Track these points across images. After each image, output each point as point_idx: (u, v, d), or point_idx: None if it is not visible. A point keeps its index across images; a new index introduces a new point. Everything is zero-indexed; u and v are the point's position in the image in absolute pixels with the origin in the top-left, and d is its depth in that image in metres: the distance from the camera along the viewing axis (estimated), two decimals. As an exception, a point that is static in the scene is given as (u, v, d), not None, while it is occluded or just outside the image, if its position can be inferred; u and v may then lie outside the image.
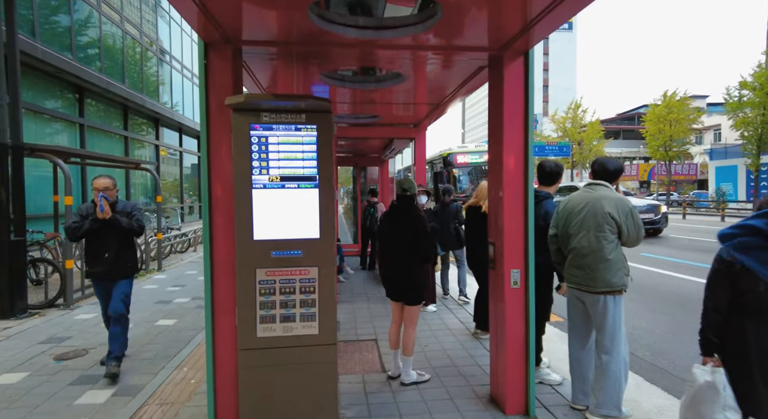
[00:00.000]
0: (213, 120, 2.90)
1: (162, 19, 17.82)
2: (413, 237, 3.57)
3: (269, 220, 2.85)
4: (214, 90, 2.88)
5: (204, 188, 2.93)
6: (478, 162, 13.76)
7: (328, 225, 2.88)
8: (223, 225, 2.95)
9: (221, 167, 2.94)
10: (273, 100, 2.66)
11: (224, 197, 2.95)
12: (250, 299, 2.82)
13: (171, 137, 19.03)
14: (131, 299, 4.08)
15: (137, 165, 9.23)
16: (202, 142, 2.89)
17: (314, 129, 2.86)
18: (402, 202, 3.68)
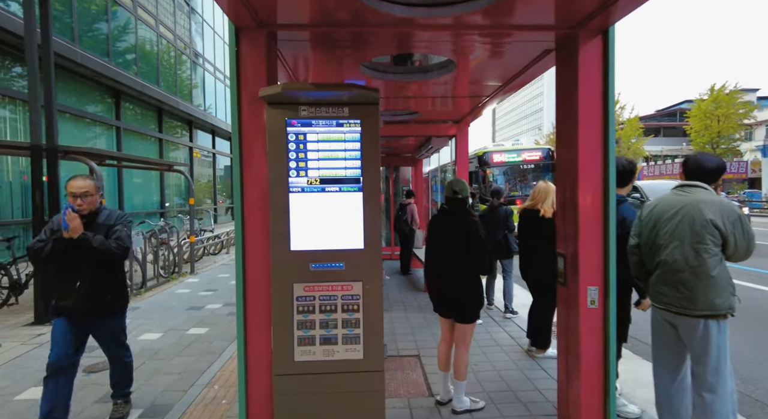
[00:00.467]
0: (245, 116, 2.58)
1: (195, 22, 18.00)
2: (467, 245, 3.16)
3: (308, 228, 2.51)
4: (246, 81, 2.56)
5: (236, 192, 2.61)
6: (515, 161, 13.17)
7: (374, 234, 2.51)
8: (258, 233, 2.63)
9: (255, 168, 2.61)
10: (314, 91, 2.31)
11: (258, 202, 2.62)
12: (287, 317, 2.49)
13: (204, 139, 19.21)
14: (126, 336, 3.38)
15: (170, 167, 9.18)
16: (234, 140, 2.57)
17: (358, 124, 2.49)
18: (453, 206, 3.27)
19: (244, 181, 2.60)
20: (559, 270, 2.87)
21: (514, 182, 13.13)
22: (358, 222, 2.51)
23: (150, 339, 4.80)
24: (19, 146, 5.86)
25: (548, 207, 3.98)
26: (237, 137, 2.57)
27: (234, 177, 2.62)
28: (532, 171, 13.21)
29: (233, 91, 2.54)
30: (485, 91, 4.45)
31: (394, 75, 3.68)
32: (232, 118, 2.55)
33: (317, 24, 2.64)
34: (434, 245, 3.34)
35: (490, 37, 2.90)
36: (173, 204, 16.26)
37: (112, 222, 3.06)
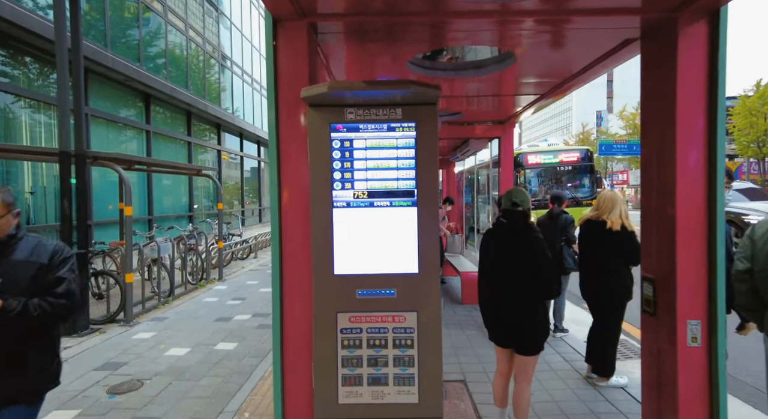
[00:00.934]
0: (283, 119, 2.26)
1: (223, 26, 18.05)
2: (532, 266, 2.75)
3: (354, 248, 2.17)
4: (284, 80, 2.24)
5: (273, 208, 2.29)
6: (551, 163, 12.53)
7: (431, 256, 2.15)
8: (297, 254, 2.30)
9: (294, 179, 2.29)
10: (365, 90, 1.96)
11: (298, 219, 2.30)
12: (330, 352, 2.15)
13: (232, 142, 19.26)
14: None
15: (198, 171, 9.05)
16: (270, 147, 2.25)
17: (413, 128, 2.13)
18: (513, 220, 2.87)
19: (282, 194, 2.28)
20: (646, 297, 2.44)
21: (550, 184, 12.49)
22: (412, 242, 2.15)
23: (177, 355, 4.57)
24: (48, 152, 5.76)
25: (616, 218, 3.52)
26: (274, 144, 2.25)
27: (270, 189, 2.30)
28: (569, 173, 12.55)
29: (270, 92, 2.22)
30: (539, 89, 4.02)
31: (444, 72, 3.31)
32: (269, 122, 2.24)
33: (365, 13, 2.29)
34: (491, 265, 2.95)
35: (562, 25, 2.49)
36: (202, 207, 16.31)
37: (46, 261, 1.94)
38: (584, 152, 12.76)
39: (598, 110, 71.32)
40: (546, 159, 12.52)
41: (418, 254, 2.15)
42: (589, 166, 12.43)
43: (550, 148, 13.32)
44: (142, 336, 5.24)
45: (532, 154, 12.77)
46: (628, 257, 3.55)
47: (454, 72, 3.32)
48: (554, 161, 12.39)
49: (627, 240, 3.52)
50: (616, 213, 3.56)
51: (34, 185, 8.69)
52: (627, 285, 3.63)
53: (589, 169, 12.41)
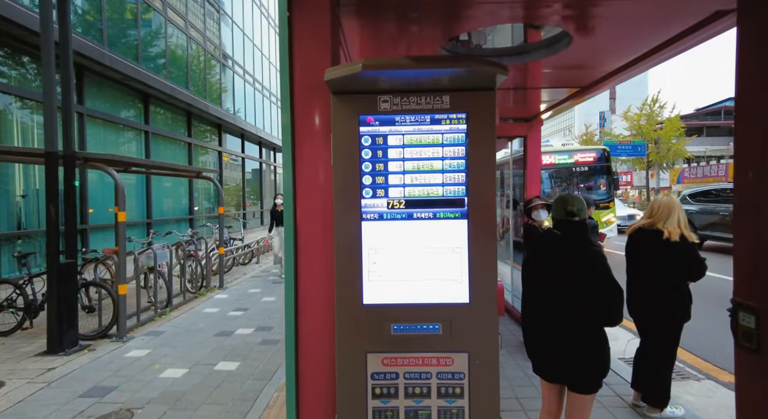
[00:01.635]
0: (300, 110, 1.82)
1: (224, 24, 17.67)
2: (592, 286, 2.31)
3: (388, 272, 1.73)
4: (301, 60, 1.80)
5: (288, 218, 1.85)
6: (566, 163, 12.01)
7: (486, 282, 1.71)
8: (316, 279, 1.86)
9: (312, 184, 1.85)
10: (407, 69, 1.51)
11: (316, 233, 1.86)
12: (358, 403, 1.71)
13: (233, 143, 18.86)
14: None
15: (198, 173, 8.62)
16: (285, 145, 1.82)
17: (463, 120, 1.70)
18: (568, 232, 2.43)
19: (298, 203, 1.84)
20: (742, 329, 1.98)
21: (564, 186, 11.98)
22: (460, 264, 1.71)
23: (174, 378, 4.12)
24: (32, 153, 5.32)
25: (674, 228, 3.08)
26: (289, 142, 1.81)
27: (285, 196, 1.85)
28: (584, 174, 12.03)
29: (284, 75, 1.78)
30: (581, 81, 3.57)
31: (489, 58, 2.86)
32: (283, 114, 1.80)
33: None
34: (541, 283, 2.50)
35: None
36: (202, 209, 15.88)
37: None
38: (601, 152, 12.03)
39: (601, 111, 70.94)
40: (561, 159, 11.89)
41: (469, 279, 1.71)
42: (605, 167, 11.79)
43: (565, 148, 12.79)
44: (135, 353, 4.79)
45: (545, 154, 12.18)
46: (689, 273, 3.10)
47: (501, 57, 2.86)
48: (569, 162, 11.78)
49: (689, 253, 3.07)
50: (674, 222, 3.11)
51: (26, 188, 8.25)
52: (687, 304, 3.18)
53: (606, 170, 11.78)
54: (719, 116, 50.80)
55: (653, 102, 40.53)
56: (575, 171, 11.72)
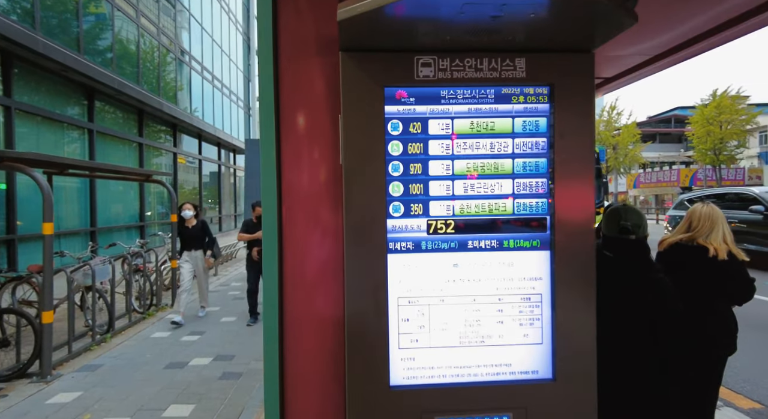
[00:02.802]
0: (288, 76, 1.16)
1: (181, 18, 16.54)
2: (652, 322, 1.79)
3: (427, 334, 1.10)
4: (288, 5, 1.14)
5: (269, 247, 1.17)
6: None
7: (580, 345, 1.11)
8: (310, 347, 1.20)
9: (305, 194, 1.19)
10: None
11: (312, 272, 1.20)
12: None
13: (190, 145, 17.69)
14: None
15: (148, 177, 7.65)
16: (264, 130, 1.15)
17: (545, 97, 1.10)
18: (623, 252, 1.88)
19: (284, 225, 1.18)
20: None
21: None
22: (541, 319, 1.11)
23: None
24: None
25: (720, 244, 2.60)
26: (272, 125, 1.14)
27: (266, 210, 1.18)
28: None
29: (263, 20, 1.12)
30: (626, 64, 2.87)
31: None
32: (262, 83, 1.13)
33: None
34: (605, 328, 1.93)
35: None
36: (155, 214, 14.66)
37: None
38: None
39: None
40: None
41: (553, 342, 1.11)
42: (596, 169, 11.42)
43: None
44: (61, 398, 3.89)
45: None
46: (740, 296, 2.64)
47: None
48: None
49: (739, 273, 2.61)
50: (718, 236, 2.63)
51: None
52: (734, 332, 2.71)
53: (597, 173, 11.35)
54: (670, 124, 53.51)
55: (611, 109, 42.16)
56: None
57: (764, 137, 43.53)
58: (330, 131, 1.15)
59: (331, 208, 1.16)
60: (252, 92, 26.33)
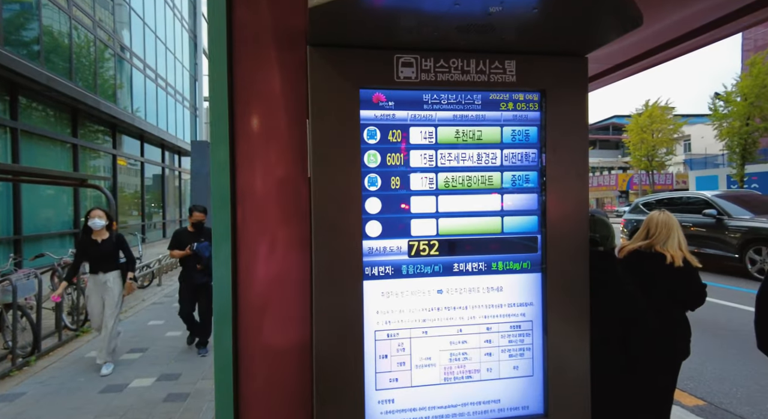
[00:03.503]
0: (242, 75, 0.98)
1: (121, 11, 15.56)
2: (621, 335, 1.76)
3: (408, 373, 0.97)
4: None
5: (222, 258, 0.99)
6: None
7: (574, 376, 1.02)
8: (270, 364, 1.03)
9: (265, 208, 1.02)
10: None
11: (273, 303, 1.03)
12: None
13: (131, 146, 16.66)
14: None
15: (83, 181, 7.02)
16: (216, 139, 0.97)
17: (535, 105, 1.00)
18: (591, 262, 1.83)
19: (240, 234, 1.00)
20: None
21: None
22: (531, 348, 1.01)
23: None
24: None
25: (676, 251, 2.66)
26: (225, 133, 0.96)
27: (216, 220, 0.99)
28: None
29: (213, 14, 0.94)
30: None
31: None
32: (212, 75, 0.95)
33: None
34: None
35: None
36: (92, 221, 13.59)
37: None
38: None
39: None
40: None
41: (544, 373, 1.01)
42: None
43: None
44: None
45: None
46: (694, 302, 2.71)
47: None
48: None
49: (693, 280, 2.68)
50: (674, 243, 2.70)
51: None
52: (689, 339, 2.78)
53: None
54: (608, 131, 56.92)
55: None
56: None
57: (688, 145, 47.40)
58: (294, 135, 0.99)
59: (295, 219, 1.00)
60: (199, 92, 25.28)
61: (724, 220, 7.79)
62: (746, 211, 8.15)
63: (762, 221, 7.60)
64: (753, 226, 7.41)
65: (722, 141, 27.97)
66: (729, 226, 7.69)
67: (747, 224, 7.53)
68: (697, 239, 8.06)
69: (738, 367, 4.10)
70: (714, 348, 4.53)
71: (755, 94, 21.36)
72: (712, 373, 3.99)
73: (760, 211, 7.92)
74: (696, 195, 8.95)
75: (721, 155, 28.43)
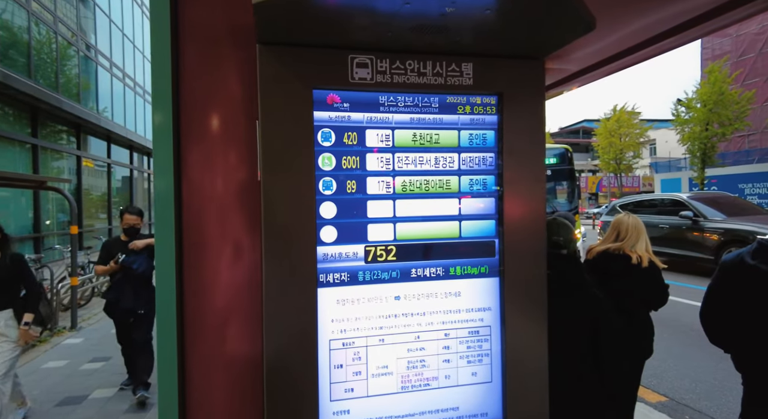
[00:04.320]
0: (189, 73, 0.94)
1: (85, 8, 15.03)
2: (588, 343, 1.78)
3: (364, 379, 0.94)
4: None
5: (165, 266, 0.94)
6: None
7: (532, 381, 1.02)
8: (221, 379, 0.98)
9: (212, 215, 0.98)
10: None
11: (215, 314, 0.98)
12: None
13: (98, 147, 16.09)
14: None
15: (42, 184, 6.71)
16: (158, 140, 0.92)
17: (493, 108, 1.00)
18: (554, 265, 1.85)
19: (186, 240, 0.95)
20: None
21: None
22: (490, 354, 1.00)
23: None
24: None
25: (644, 252, 2.73)
26: (168, 133, 0.92)
27: (158, 223, 0.94)
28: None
29: (156, 5, 0.90)
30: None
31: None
32: (155, 75, 0.91)
33: None
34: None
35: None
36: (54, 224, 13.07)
37: None
38: (562, 153, 8.90)
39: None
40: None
41: (503, 378, 1.00)
42: (568, 170, 8.80)
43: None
44: None
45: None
46: (658, 301, 2.79)
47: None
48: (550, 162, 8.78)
49: (658, 279, 2.76)
50: (642, 245, 2.77)
51: None
52: (652, 338, 2.86)
53: (569, 174, 8.83)
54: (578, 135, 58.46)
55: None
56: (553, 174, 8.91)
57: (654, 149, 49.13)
58: (250, 136, 0.95)
59: (246, 223, 0.96)
60: (169, 92, 24.62)
61: (700, 221, 7.79)
62: (719, 212, 8.09)
63: (736, 222, 7.55)
64: (729, 227, 7.40)
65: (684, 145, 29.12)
66: (705, 227, 7.70)
67: (723, 225, 7.54)
68: (673, 241, 8.09)
69: (698, 363, 4.25)
70: (677, 345, 4.68)
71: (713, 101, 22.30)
72: (674, 370, 4.12)
73: (731, 212, 7.93)
74: (672, 197, 8.98)
75: (683, 158, 29.56)
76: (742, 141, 24.64)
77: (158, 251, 0.90)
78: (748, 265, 1.84)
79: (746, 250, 1.93)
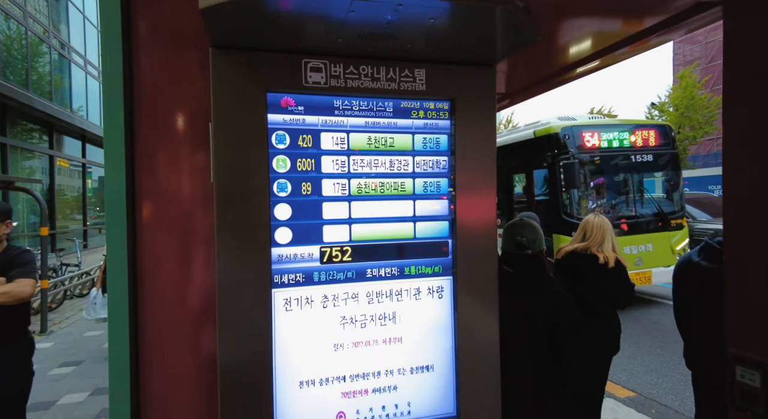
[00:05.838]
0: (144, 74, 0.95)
1: (58, 3, 14.65)
2: (551, 342, 1.83)
3: (317, 384, 0.96)
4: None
5: (115, 284, 0.94)
6: (619, 147, 6.03)
7: (485, 378, 1.05)
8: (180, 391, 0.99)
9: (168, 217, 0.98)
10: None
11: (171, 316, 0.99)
12: None
13: (72, 147, 15.68)
14: None
15: (9, 184, 6.51)
16: (109, 141, 0.92)
17: (445, 113, 1.03)
18: (519, 269, 1.90)
19: (138, 256, 0.95)
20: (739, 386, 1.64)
21: (620, 185, 6.14)
22: (443, 351, 1.03)
23: None
24: None
25: (610, 252, 2.81)
26: (119, 137, 0.92)
27: (110, 226, 0.94)
28: (646, 166, 6.19)
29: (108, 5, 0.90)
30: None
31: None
32: (106, 76, 0.91)
33: None
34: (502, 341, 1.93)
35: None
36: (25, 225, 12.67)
37: None
38: (664, 131, 6.41)
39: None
40: (611, 138, 5.94)
41: (456, 375, 1.03)
42: (671, 156, 6.47)
43: (619, 120, 7.12)
44: None
45: (588, 129, 5.85)
46: (623, 299, 2.88)
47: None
48: (625, 143, 6.03)
49: (624, 278, 2.84)
50: (608, 245, 2.85)
51: None
52: (618, 335, 2.94)
53: (671, 161, 6.52)
54: (556, 138, 59.50)
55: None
56: (635, 161, 6.15)
57: (631, 152, 50.20)
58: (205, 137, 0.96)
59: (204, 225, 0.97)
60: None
61: (689, 222, 7.40)
62: (704, 213, 7.86)
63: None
64: (719, 228, 7.49)
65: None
66: (694, 228, 7.41)
67: (711, 226, 7.39)
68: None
69: (664, 359, 4.38)
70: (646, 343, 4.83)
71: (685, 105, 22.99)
72: (642, 366, 4.24)
73: (715, 213, 7.81)
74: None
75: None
76: (712, 144, 25.42)
77: (110, 257, 0.90)
78: (694, 263, 1.92)
79: (695, 250, 2.02)
